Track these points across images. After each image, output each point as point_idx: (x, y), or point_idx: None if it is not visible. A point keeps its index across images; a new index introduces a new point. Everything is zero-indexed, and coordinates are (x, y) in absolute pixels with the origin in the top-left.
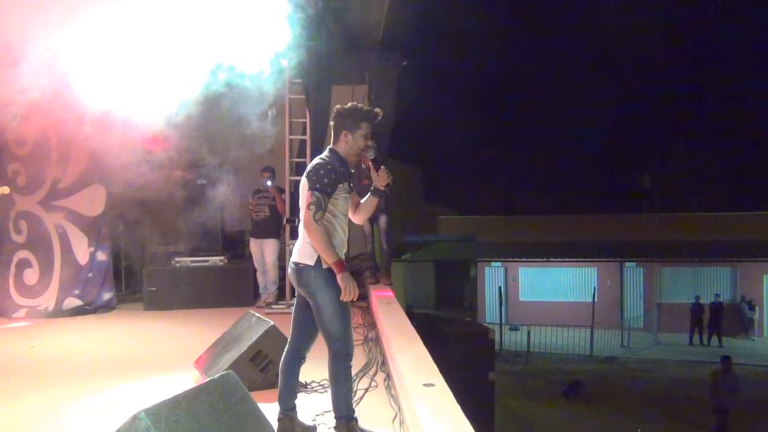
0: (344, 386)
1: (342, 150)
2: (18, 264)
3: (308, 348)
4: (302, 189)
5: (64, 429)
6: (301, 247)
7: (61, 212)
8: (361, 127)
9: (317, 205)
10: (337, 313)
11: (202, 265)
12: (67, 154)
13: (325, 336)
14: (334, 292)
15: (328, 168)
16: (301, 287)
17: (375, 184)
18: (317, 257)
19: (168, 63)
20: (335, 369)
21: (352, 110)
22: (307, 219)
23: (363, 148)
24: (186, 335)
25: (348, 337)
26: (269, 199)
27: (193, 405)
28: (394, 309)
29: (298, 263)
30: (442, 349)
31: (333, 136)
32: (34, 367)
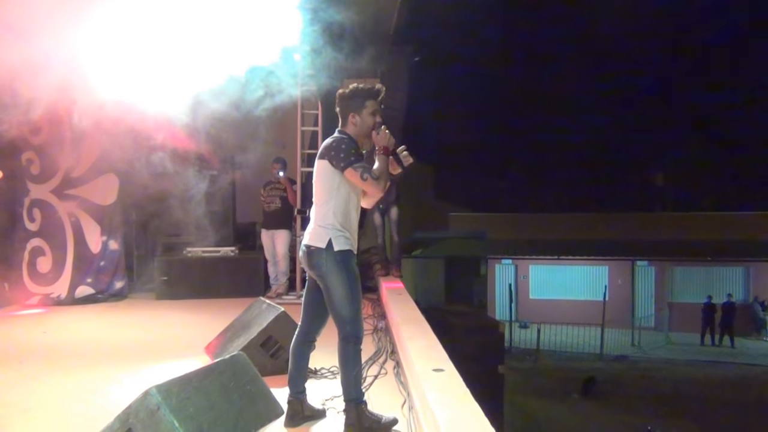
0: (354, 369)
1: (352, 132)
2: (31, 252)
3: (318, 332)
4: (322, 170)
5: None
6: (312, 231)
7: (74, 201)
8: (366, 105)
9: (364, 169)
10: (348, 297)
11: (213, 256)
12: (80, 143)
13: (335, 319)
14: (346, 275)
15: (346, 142)
16: (313, 270)
17: (374, 142)
18: (329, 240)
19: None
20: (345, 352)
21: (355, 91)
22: (373, 186)
23: (372, 126)
24: (197, 324)
25: (358, 321)
26: (280, 191)
27: (203, 383)
28: (405, 299)
29: (309, 246)
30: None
31: (341, 121)
32: (47, 351)
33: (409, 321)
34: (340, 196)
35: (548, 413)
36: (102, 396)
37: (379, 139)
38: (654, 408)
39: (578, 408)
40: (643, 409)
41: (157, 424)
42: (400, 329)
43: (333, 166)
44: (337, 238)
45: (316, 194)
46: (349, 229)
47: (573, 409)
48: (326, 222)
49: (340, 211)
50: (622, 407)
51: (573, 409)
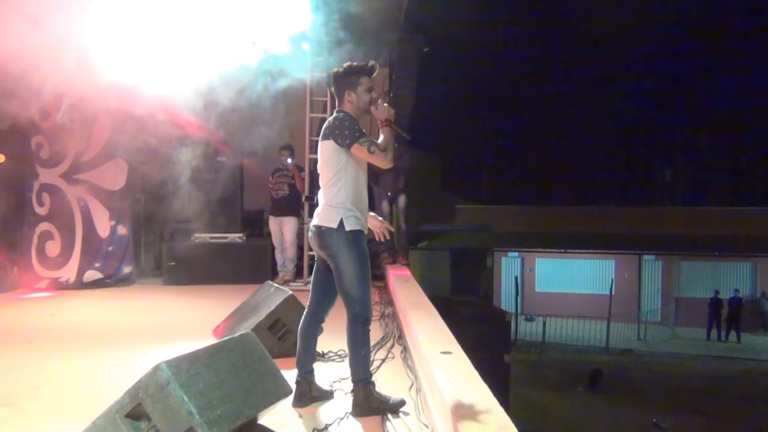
0: (362, 350)
1: (350, 110)
2: (40, 236)
3: (327, 312)
4: (328, 151)
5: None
6: (323, 212)
7: (83, 185)
8: (361, 82)
9: (370, 143)
10: (358, 277)
11: (221, 242)
12: (89, 128)
13: (344, 299)
14: (356, 255)
15: (348, 119)
16: (323, 250)
17: (375, 116)
18: (340, 220)
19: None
20: (353, 332)
21: (348, 69)
22: (382, 159)
23: (369, 102)
24: (205, 308)
25: (367, 301)
26: (289, 178)
27: (213, 360)
28: (412, 286)
29: (320, 226)
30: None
31: (337, 100)
32: (55, 333)
33: (417, 306)
34: (348, 175)
35: (554, 405)
36: (110, 375)
37: (379, 112)
38: (660, 402)
39: (584, 401)
40: (649, 402)
41: (167, 399)
42: (407, 314)
43: (338, 145)
44: (348, 218)
45: (323, 176)
46: (360, 207)
47: (578, 402)
48: (337, 202)
49: (351, 190)
50: (628, 400)
51: (578, 401)
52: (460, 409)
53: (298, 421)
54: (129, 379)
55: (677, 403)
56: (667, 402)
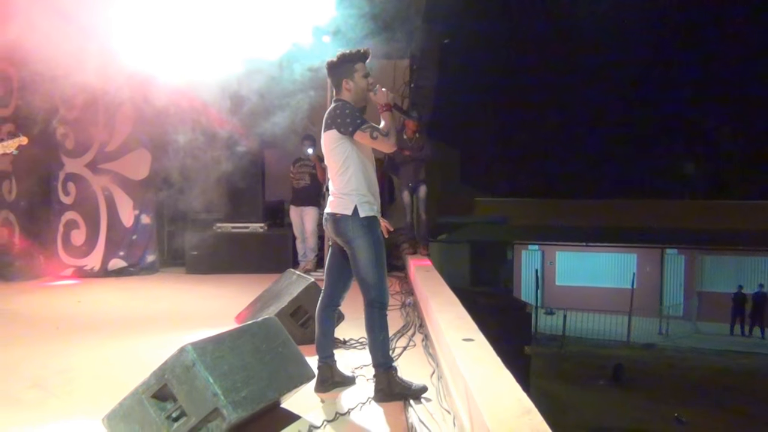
0: (380, 334)
1: (348, 98)
2: (66, 224)
3: (342, 296)
4: (332, 141)
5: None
6: (335, 200)
7: (107, 175)
8: (356, 69)
9: (372, 129)
10: (373, 262)
11: (242, 232)
12: (113, 119)
13: (360, 285)
14: (372, 241)
15: (349, 107)
16: (339, 236)
17: (374, 101)
18: (354, 207)
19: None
20: (371, 317)
21: (342, 57)
22: (385, 143)
23: (367, 87)
24: (227, 296)
25: (383, 286)
26: (310, 168)
27: (237, 343)
28: (433, 275)
29: (334, 213)
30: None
31: (335, 90)
32: (82, 319)
33: (438, 295)
34: (356, 161)
35: (573, 398)
36: (135, 358)
37: (378, 97)
38: (681, 396)
39: (604, 394)
40: (670, 397)
41: (192, 380)
42: (429, 302)
43: (341, 134)
44: (362, 205)
45: (331, 166)
46: (373, 192)
47: (599, 396)
48: (349, 189)
49: (361, 177)
50: (649, 395)
51: (599, 395)
52: (482, 395)
53: (320, 405)
54: (154, 362)
55: (699, 399)
56: (689, 397)
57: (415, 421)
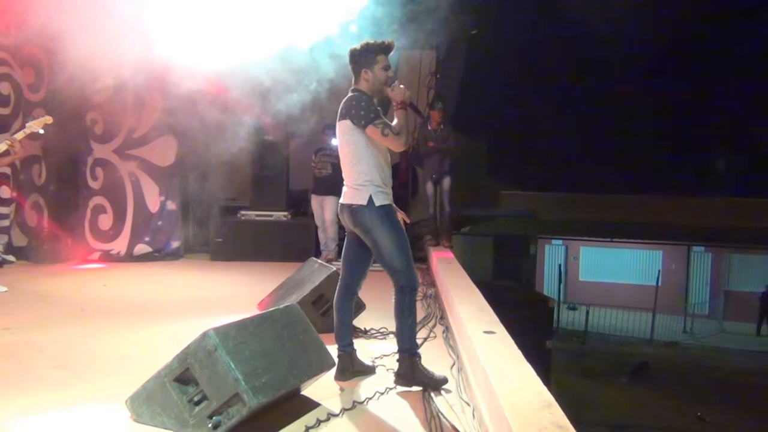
0: (408, 319)
1: (366, 89)
2: (93, 209)
3: (359, 285)
4: (347, 131)
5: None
6: (350, 191)
7: (134, 161)
8: (377, 60)
9: (384, 125)
10: (397, 247)
11: (266, 220)
12: (141, 105)
13: (388, 271)
14: (391, 227)
15: (365, 99)
16: (357, 227)
17: (391, 97)
18: (368, 197)
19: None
20: (401, 302)
21: (366, 46)
22: (395, 142)
23: (385, 80)
24: (250, 283)
25: (411, 269)
26: (332, 157)
27: (258, 330)
28: (455, 267)
29: (351, 204)
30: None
31: (354, 78)
32: (107, 302)
33: (460, 287)
34: (370, 152)
35: (594, 394)
36: (159, 342)
37: (395, 94)
38: (704, 396)
39: (626, 391)
40: (693, 396)
41: (214, 364)
42: (450, 294)
43: (354, 125)
44: (377, 195)
45: (345, 156)
46: (386, 182)
47: (620, 392)
48: (364, 180)
49: (376, 168)
50: (672, 393)
51: (620, 392)
52: (503, 388)
53: (339, 394)
54: (176, 346)
55: (723, 399)
56: (713, 396)
57: (434, 412)
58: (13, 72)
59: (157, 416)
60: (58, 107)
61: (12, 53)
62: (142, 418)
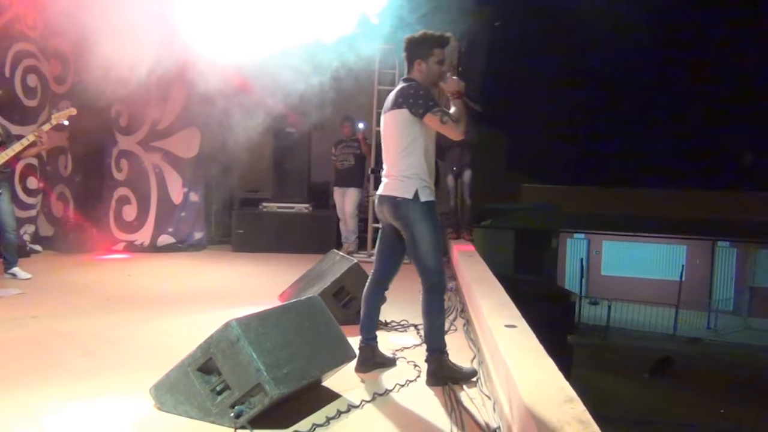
0: (438, 319)
1: (418, 79)
2: (118, 200)
3: (390, 280)
4: (401, 120)
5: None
6: (394, 182)
7: (158, 153)
8: (433, 53)
9: (443, 113)
10: (434, 247)
11: (287, 212)
12: (165, 97)
13: (420, 269)
14: (432, 226)
15: (423, 88)
16: (398, 220)
17: (445, 89)
18: (415, 191)
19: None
20: (430, 302)
21: (422, 37)
22: (453, 130)
23: (438, 74)
24: (271, 275)
25: (443, 271)
26: (353, 148)
27: (281, 321)
28: (476, 261)
29: (395, 197)
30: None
31: (407, 67)
32: (131, 291)
33: (481, 281)
34: (421, 145)
35: (616, 390)
36: (182, 331)
37: (449, 85)
38: (728, 394)
39: (647, 387)
40: (717, 393)
41: (237, 354)
42: (471, 287)
43: (412, 114)
44: (423, 189)
45: (395, 145)
46: (431, 178)
47: (642, 388)
48: (411, 172)
49: (423, 161)
50: (694, 390)
51: (642, 388)
52: (524, 382)
53: (361, 385)
54: (199, 336)
55: (747, 397)
56: (737, 395)
57: (455, 405)
58: (39, 64)
59: (181, 405)
60: (84, 99)
61: (39, 46)
62: (165, 406)
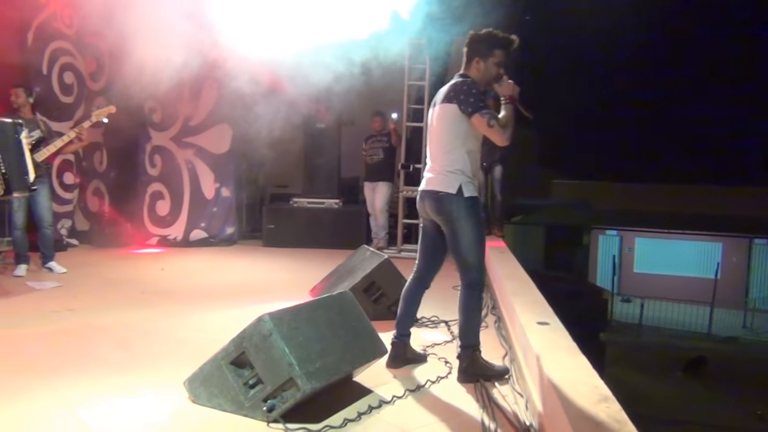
0: (475, 316)
1: (474, 77)
2: (152, 195)
3: (432, 277)
4: (450, 115)
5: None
6: (438, 177)
7: (191, 148)
8: (494, 54)
9: (491, 116)
10: (476, 243)
11: (318, 207)
12: (198, 94)
13: (460, 265)
14: (475, 222)
15: (476, 87)
16: (441, 215)
17: (499, 93)
18: (458, 186)
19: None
20: (469, 299)
21: (487, 36)
22: (500, 134)
23: (495, 76)
24: (302, 269)
25: (483, 268)
26: (383, 143)
27: (312, 315)
28: (507, 257)
29: (438, 191)
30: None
31: (465, 62)
32: (164, 285)
33: (513, 277)
34: (468, 142)
35: (649, 388)
36: (215, 325)
37: (504, 89)
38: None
39: (681, 386)
40: (753, 393)
41: (269, 349)
42: (503, 284)
43: (461, 111)
44: (466, 185)
45: (441, 139)
46: (475, 174)
47: (675, 387)
48: (456, 168)
49: (467, 158)
50: (730, 390)
51: (676, 387)
52: (557, 380)
53: (391, 381)
54: (232, 330)
55: None
56: None
57: (487, 402)
58: (75, 61)
59: (214, 398)
60: (118, 96)
61: (74, 43)
62: (199, 399)
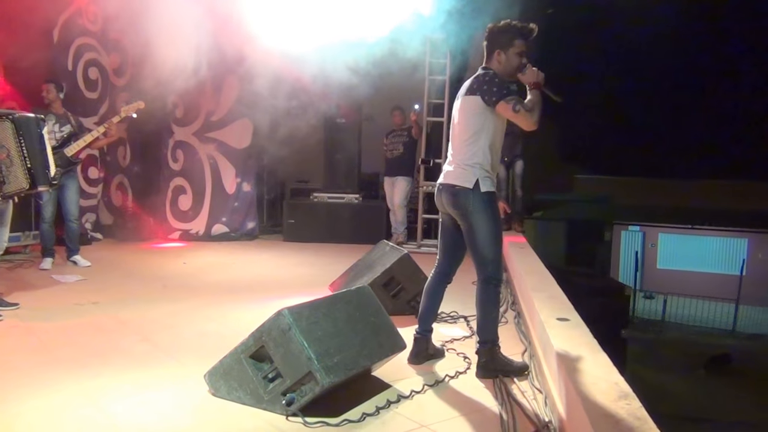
0: (493, 311)
1: (496, 69)
2: (174, 190)
3: (454, 272)
4: (472, 107)
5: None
6: (456, 170)
7: (213, 143)
8: (514, 44)
9: (516, 101)
10: (492, 237)
11: (338, 202)
12: (220, 89)
13: (476, 260)
14: (492, 216)
15: (499, 77)
16: (457, 209)
17: (523, 81)
18: (475, 181)
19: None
20: (486, 294)
21: (505, 27)
22: (526, 119)
23: (518, 67)
24: (322, 264)
25: (500, 262)
26: (403, 137)
27: (331, 310)
28: (527, 253)
29: (455, 185)
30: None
31: (486, 55)
32: (186, 279)
33: (533, 273)
34: (488, 135)
35: (672, 386)
36: (235, 319)
37: (528, 76)
38: None
39: (705, 384)
40: None
41: (288, 343)
42: (523, 280)
43: (484, 102)
44: (484, 179)
45: (461, 132)
46: (494, 169)
47: (698, 385)
48: (474, 161)
49: (488, 152)
50: (754, 388)
51: (699, 384)
52: (577, 377)
53: (410, 376)
54: (252, 323)
55: None
56: None
57: (506, 398)
58: (100, 57)
59: (234, 391)
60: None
61: (99, 39)
62: (219, 392)
